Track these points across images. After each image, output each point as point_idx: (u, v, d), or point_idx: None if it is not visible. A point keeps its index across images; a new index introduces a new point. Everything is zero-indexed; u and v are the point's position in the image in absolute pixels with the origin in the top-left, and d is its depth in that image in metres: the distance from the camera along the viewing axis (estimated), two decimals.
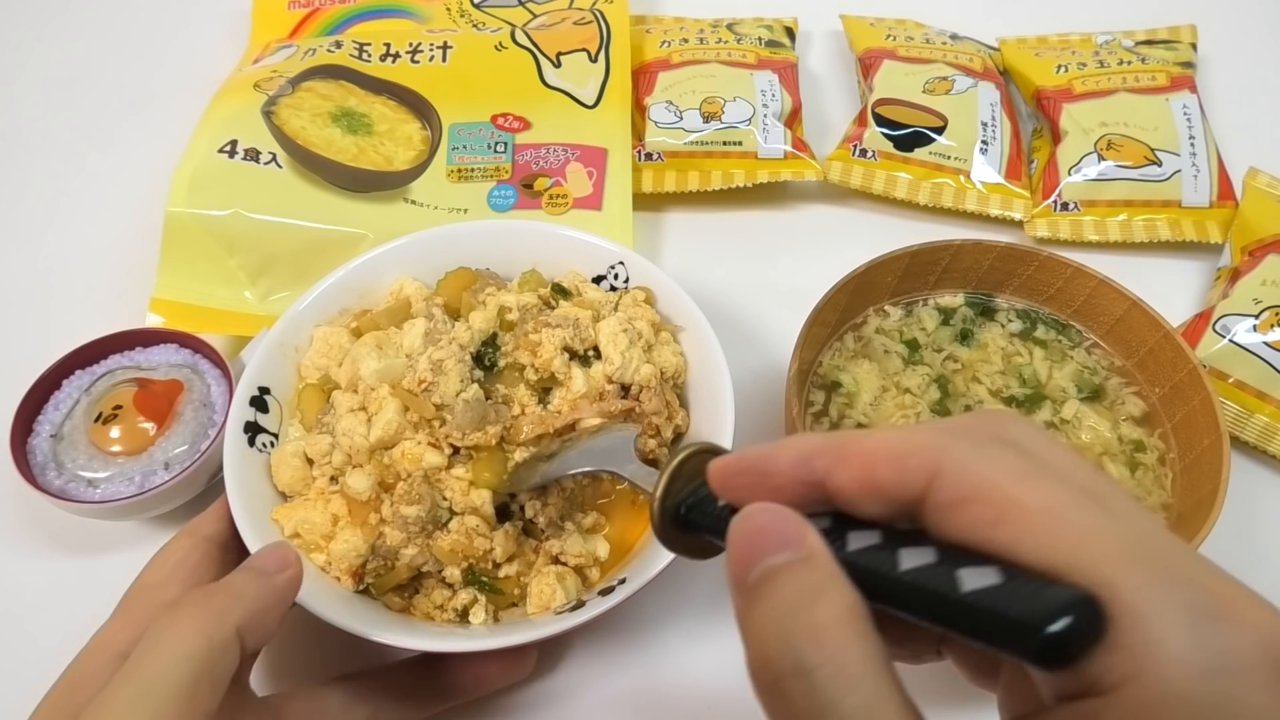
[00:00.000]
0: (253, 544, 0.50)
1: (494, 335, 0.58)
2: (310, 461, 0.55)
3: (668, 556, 0.48)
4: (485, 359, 0.57)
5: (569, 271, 0.63)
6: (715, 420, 0.55)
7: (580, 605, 0.50)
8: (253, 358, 0.58)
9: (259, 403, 0.57)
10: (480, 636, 0.49)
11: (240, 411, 0.56)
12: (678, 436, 0.58)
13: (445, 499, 0.52)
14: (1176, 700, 0.22)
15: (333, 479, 0.54)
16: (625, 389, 0.57)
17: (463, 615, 0.52)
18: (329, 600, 0.48)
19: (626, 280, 0.63)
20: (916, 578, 0.24)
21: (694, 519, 0.32)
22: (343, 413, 0.55)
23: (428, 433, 0.53)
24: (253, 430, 0.56)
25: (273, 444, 0.57)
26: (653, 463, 0.56)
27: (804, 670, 0.24)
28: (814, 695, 0.23)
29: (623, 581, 0.51)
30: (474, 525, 0.51)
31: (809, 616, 0.24)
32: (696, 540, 0.33)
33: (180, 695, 0.37)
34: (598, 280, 0.63)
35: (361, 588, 0.52)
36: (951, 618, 0.24)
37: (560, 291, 0.62)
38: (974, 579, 0.23)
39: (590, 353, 0.58)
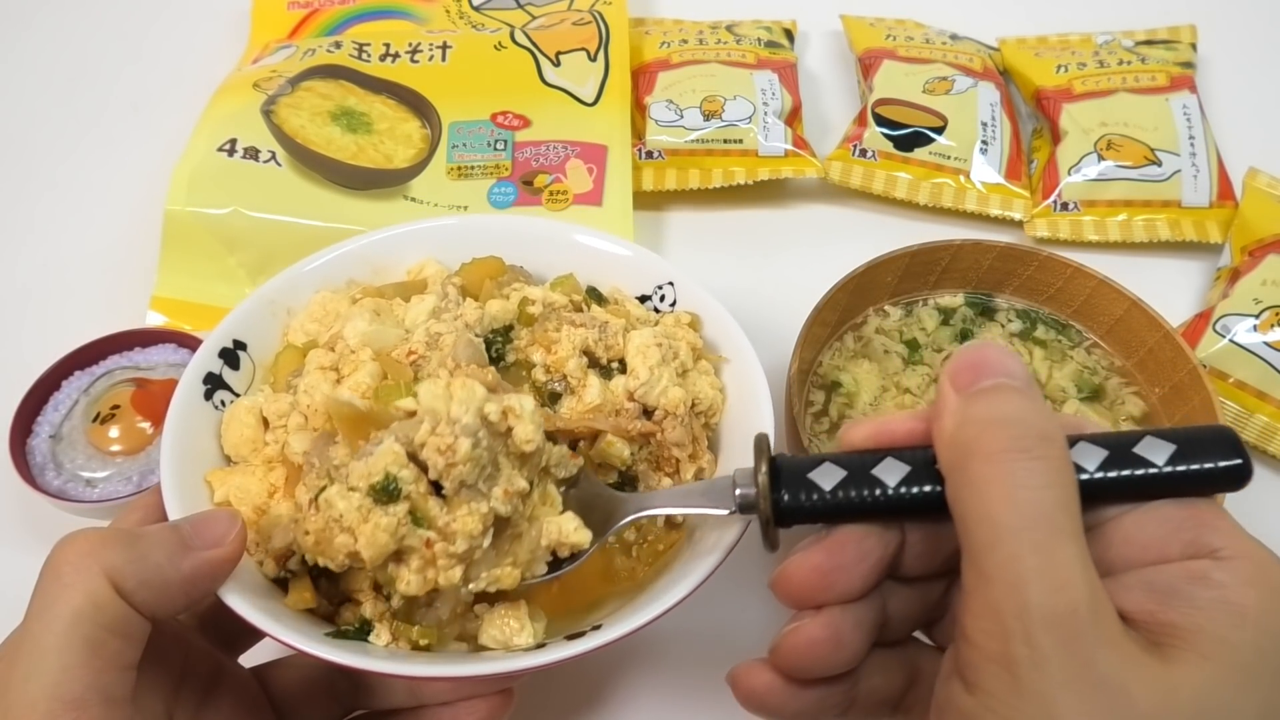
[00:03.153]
0: (173, 508, 0.43)
1: (509, 327, 0.51)
2: (266, 424, 0.48)
3: (658, 607, 0.41)
4: (493, 349, 0.50)
5: (611, 287, 0.57)
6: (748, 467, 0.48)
7: (539, 647, 0.43)
8: (235, 308, 0.52)
9: (230, 356, 0.50)
10: (392, 659, 0.41)
11: (204, 360, 0.49)
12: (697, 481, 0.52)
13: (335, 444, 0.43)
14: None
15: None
16: (648, 412, 0.50)
17: (360, 629, 0.43)
18: (239, 581, 0.41)
19: (674, 304, 0.56)
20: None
21: (795, 509, 0.36)
22: (311, 369, 0.48)
23: None
24: (214, 383, 0.49)
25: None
26: None
27: (1048, 436, 0.31)
28: (1052, 462, 0.31)
29: (597, 627, 0.43)
30: (358, 505, 0.40)
31: (1042, 424, 0.31)
32: (775, 535, 0.37)
33: (78, 659, 0.34)
34: (642, 300, 0.57)
35: (279, 575, 0.45)
36: (1142, 485, 0.33)
37: (595, 296, 0.56)
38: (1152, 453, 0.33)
39: (614, 366, 0.51)
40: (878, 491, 0.34)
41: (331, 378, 0.48)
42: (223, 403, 0.50)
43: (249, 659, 0.48)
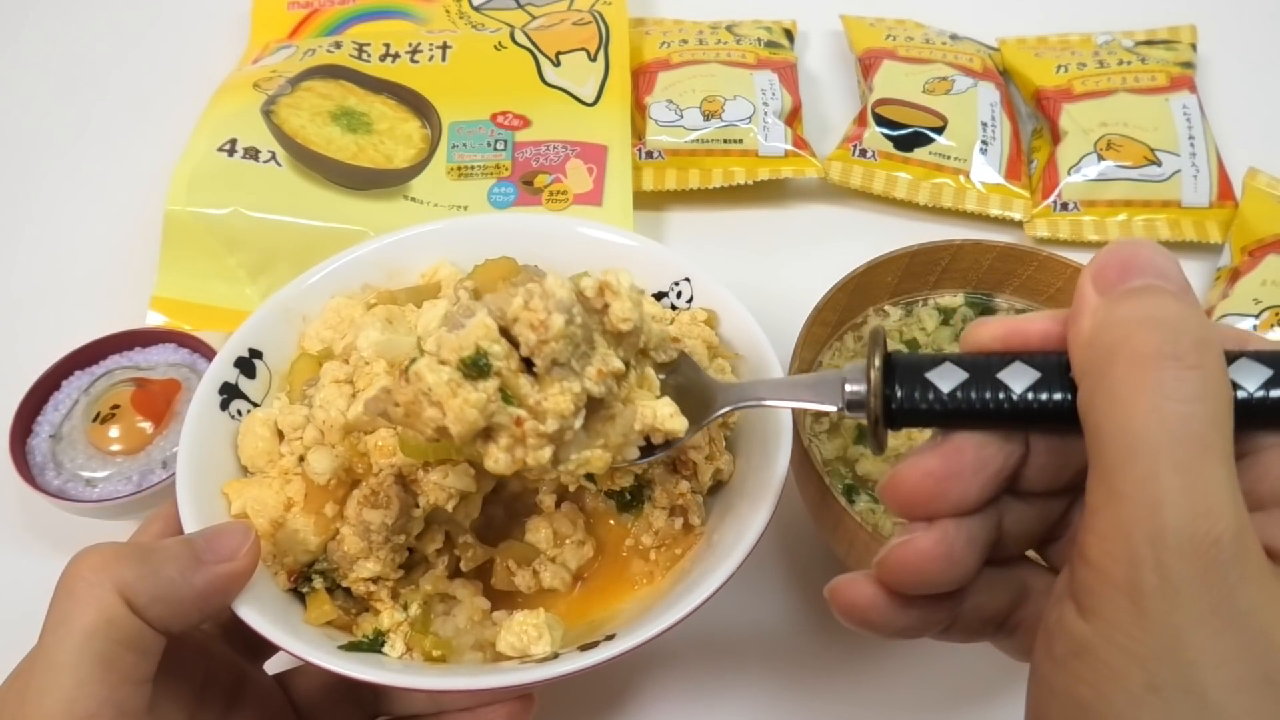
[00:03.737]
0: (189, 519, 0.44)
1: None
2: (281, 435, 0.48)
3: (673, 615, 0.41)
4: None
5: None
6: (764, 469, 0.47)
7: (553, 657, 0.43)
8: (251, 316, 0.52)
9: (246, 365, 0.50)
10: (405, 672, 0.42)
11: (220, 369, 0.49)
12: (717, 484, 0.51)
13: (418, 506, 0.45)
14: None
15: (301, 459, 0.47)
16: None
17: (374, 641, 0.44)
18: (253, 593, 0.41)
19: (690, 300, 0.57)
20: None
21: (909, 410, 0.33)
22: (326, 382, 0.48)
23: None
24: (230, 393, 0.49)
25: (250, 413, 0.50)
26: (683, 510, 0.50)
27: (1205, 343, 0.27)
28: (1208, 372, 0.27)
29: (610, 637, 0.42)
30: (448, 379, 0.38)
31: (1199, 329, 0.27)
32: (884, 436, 0.34)
33: (92, 675, 0.35)
34: (658, 297, 0.57)
35: (291, 588, 0.45)
36: None
37: None
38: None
39: None
40: (1001, 397, 0.31)
41: (347, 391, 0.47)
42: (239, 412, 0.50)
43: (272, 666, 0.48)
